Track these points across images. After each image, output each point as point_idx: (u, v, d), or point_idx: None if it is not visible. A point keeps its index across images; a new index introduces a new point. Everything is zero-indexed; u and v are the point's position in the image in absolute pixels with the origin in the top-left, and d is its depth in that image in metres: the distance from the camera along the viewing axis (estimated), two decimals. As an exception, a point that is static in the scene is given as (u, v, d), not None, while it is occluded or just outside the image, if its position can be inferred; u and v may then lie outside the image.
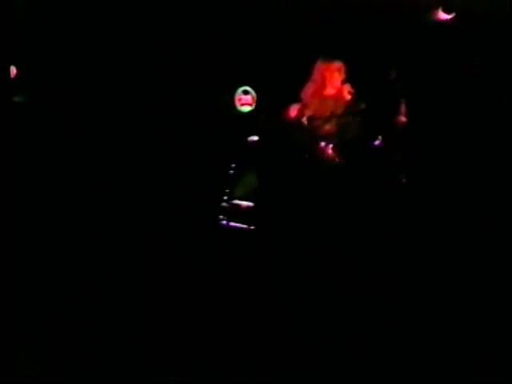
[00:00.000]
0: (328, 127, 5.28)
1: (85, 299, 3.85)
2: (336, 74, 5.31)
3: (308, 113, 5.33)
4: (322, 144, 5.21)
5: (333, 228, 5.00)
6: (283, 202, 5.27)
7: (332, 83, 5.33)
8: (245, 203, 5.43)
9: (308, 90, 5.37)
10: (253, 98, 5.47)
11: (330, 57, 5.31)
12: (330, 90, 5.35)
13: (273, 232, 5.20)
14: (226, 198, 5.42)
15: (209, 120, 5.50)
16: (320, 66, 5.35)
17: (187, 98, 5.48)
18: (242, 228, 5.37)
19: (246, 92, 5.48)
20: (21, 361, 3.10)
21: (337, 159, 5.17)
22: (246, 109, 5.48)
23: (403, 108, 5.14)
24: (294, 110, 5.31)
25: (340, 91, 5.32)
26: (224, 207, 5.40)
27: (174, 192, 5.37)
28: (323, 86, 5.34)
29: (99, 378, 3.17)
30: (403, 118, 5.15)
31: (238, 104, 5.47)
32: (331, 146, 5.20)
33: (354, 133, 5.24)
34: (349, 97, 5.29)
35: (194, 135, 5.48)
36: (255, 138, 5.42)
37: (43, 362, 3.27)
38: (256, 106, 5.44)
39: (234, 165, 5.44)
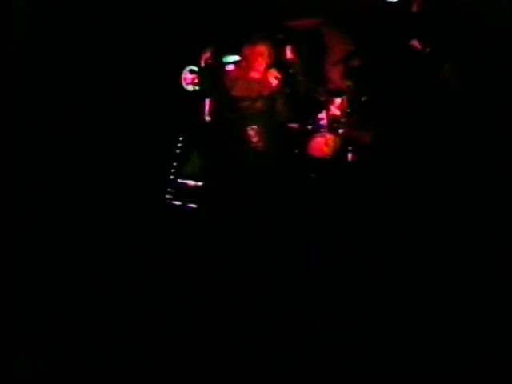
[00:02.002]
0: (255, 108, 5.37)
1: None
2: (259, 59, 5.36)
3: (235, 93, 5.43)
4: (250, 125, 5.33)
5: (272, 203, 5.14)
6: (230, 181, 5.36)
7: (256, 67, 5.39)
8: (192, 182, 5.50)
9: (233, 73, 5.46)
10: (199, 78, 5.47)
11: (257, 41, 5.35)
12: (254, 74, 5.42)
13: (220, 211, 5.28)
14: (173, 177, 5.48)
15: (155, 100, 5.49)
16: (246, 50, 5.41)
17: (133, 81, 5.46)
18: (189, 207, 5.45)
19: (192, 71, 5.48)
20: (21, 361, 3.13)
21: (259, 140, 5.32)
22: (192, 88, 5.49)
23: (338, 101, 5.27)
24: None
25: (265, 74, 5.38)
26: (172, 186, 5.46)
27: (121, 173, 5.38)
28: (248, 69, 5.43)
29: (99, 378, 3.20)
30: (337, 111, 5.29)
31: (183, 83, 5.48)
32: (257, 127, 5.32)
33: (282, 116, 5.33)
34: (275, 81, 5.34)
35: (140, 116, 5.48)
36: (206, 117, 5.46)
37: (43, 362, 3.29)
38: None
39: (181, 144, 5.49)
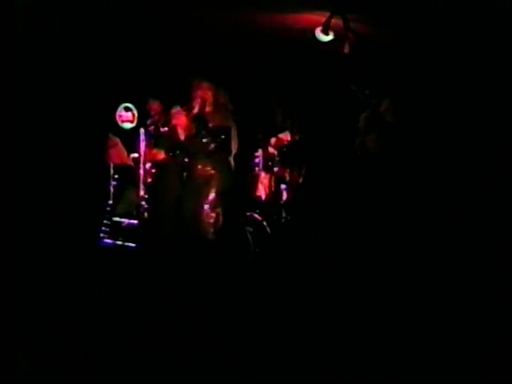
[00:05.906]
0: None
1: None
2: (205, 96, 4.95)
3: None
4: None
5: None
6: (166, 219, 5.32)
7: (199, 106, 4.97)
8: (126, 221, 5.45)
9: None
10: (133, 115, 5.44)
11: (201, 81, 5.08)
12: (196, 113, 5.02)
13: (156, 249, 5.24)
14: (107, 215, 5.40)
15: (89, 137, 5.42)
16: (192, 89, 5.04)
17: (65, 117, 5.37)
18: (123, 246, 5.39)
19: (127, 109, 5.44)
20: (21, 361, 3.11)
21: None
22: (127, 125, 5.45)
23: None
24: None
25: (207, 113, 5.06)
26: (105, 225, 5.39)
27: (54, 210, 5.28)
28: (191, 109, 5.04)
29: (99, 378, 3.17)
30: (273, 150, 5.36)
31: (118, 121, 5.43)
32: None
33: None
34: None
35: (72, 151, 5.39)
36: (136, 154, 5.39)
37: (43, 362, 3.25)
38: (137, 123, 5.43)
39: (115, 182, 5.42)
